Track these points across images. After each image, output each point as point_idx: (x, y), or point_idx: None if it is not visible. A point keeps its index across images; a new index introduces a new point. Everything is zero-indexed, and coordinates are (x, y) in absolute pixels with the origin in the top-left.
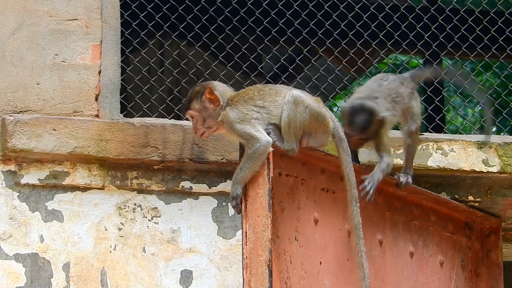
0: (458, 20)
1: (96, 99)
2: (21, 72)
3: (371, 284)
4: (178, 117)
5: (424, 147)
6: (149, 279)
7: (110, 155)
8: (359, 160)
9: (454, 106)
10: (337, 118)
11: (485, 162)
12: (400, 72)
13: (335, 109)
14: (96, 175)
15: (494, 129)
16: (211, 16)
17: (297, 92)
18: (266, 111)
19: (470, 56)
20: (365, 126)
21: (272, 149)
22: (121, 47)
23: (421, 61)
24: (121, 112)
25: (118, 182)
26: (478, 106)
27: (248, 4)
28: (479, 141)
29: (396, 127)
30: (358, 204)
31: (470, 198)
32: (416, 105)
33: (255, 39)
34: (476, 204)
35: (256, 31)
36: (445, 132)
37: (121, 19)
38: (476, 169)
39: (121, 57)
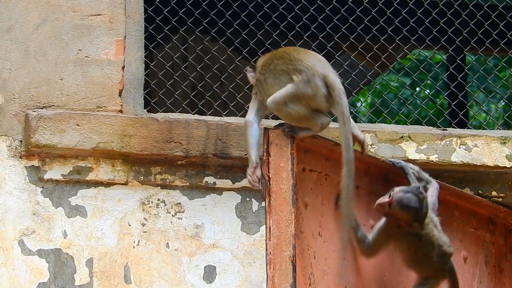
0: (481, 16)
1: (120, 95)
2: (44, 68)
3: (393, 280)
4: (201, 113)
5: (447, 142)
6: (173, 274)
7: (133, 151)
8: None
9: (477, 102)
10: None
11: (509, 158)
12: (424, 68)
13: (358, 104)
14: (119, 171)
15: None
16: (235, 11)
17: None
18: (264, 93)
19: (493, 51)
20: None
21: (256, 128)
22: (144, 42)
23: (444, 56)
24: (145, 108)
25: (142, 177)
26: (502, 101)
27: None
28: (502, 136)
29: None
30: (353, 167)
31: (494, 193)
32: None
33: (279, 35)
34: (500, 199)
35: (280, 26)
36: (468, 128)
37: (144, 15)
38: (499, 165)
39: (144, 53)
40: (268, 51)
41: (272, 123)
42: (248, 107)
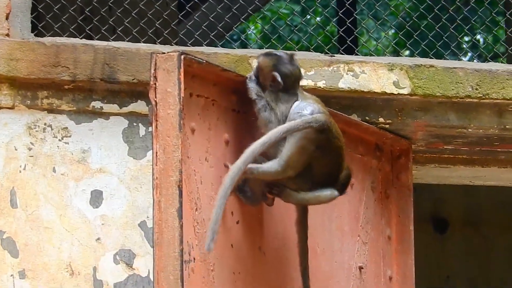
0: None
1: (7, 18)
2: None
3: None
4: (89, 38)
5: (335, 68)
6: (59, 199)
7: (20, 75)
8: None
9: (367, 29)
10: None
11: (396, 84)
12: None
13: (248, 31)
14: (6, 95)
15: (406, 52)
16: None
17: None
18: None
19: None
20: None
21: None
22: None
23: None
24: (32, 32)
25: (29, 101)
26: (392, 29)
27: None
28: (390, 63)
29: None
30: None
31: (381, 120)
32: None
33: None
34: (387, 126)
35: None
36: (356, 55)
37: None
38: (387, 91)
39: None
40: None
41: (160, 48)
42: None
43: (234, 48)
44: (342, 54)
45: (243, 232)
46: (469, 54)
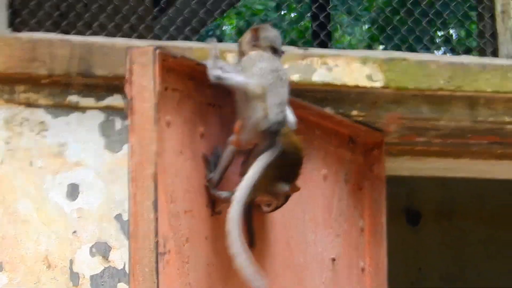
0: None
1: None
2: None
3: None
4: (66, 33)
5: (309, 62)
6: (36, 192)
7: None
8: None
9: (341, 25)
10: None
11: (369, 77)
12: None
13: (224, 27)
14: None
15: (380, 47)
16: None
17: None
18: None
19: None
20: None
21: None
22: None
23: None
24: (9, 27)
25: (6, 96)
26: (365, 24)
27: None
28: (363, 56)
29: None
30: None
31: (355, 112)
32: None
33: None
34: (361, 118)
35: None
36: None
37: None
38: (360, 84)
39: None
40: None
41: (136, 42)
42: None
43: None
44: (316, 47)
45: (219, 224)
46: (442, 48)
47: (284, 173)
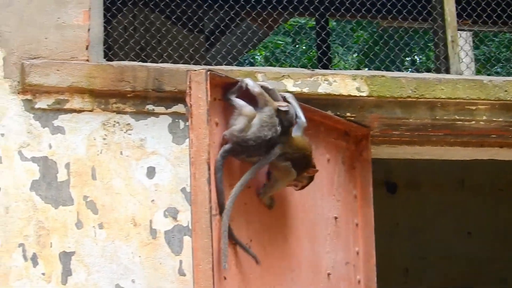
0: None
1: (87, 48)
2: (34, 30)
3: None
4: (144, 61)
5: (315, 79)
6: (125, 173)
7: (96, 87)
8: None
9: (337, 53)
10: None
11: (358, 89)
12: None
13: (256, 56)
14: (87, 102)
15: (366, 69)
16: None
17: None
18: None
19: (357, 16)
20: None
21: None
22: (103, 12)
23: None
24: (104, 58)
25: (103, 106)
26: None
27: None
28: (353, 74)
29: None
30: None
31: (348, 114)
32: None
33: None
34: (352, 118)
35: None
36: (330, 69)
37: None
38: (351, 94)
39: (103, 19)
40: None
41: (193, 67)
42: None
43: (244, 67)
44: (319, 68)
45: (255, 193)
46: (410, 68)
47: (304, 164)
